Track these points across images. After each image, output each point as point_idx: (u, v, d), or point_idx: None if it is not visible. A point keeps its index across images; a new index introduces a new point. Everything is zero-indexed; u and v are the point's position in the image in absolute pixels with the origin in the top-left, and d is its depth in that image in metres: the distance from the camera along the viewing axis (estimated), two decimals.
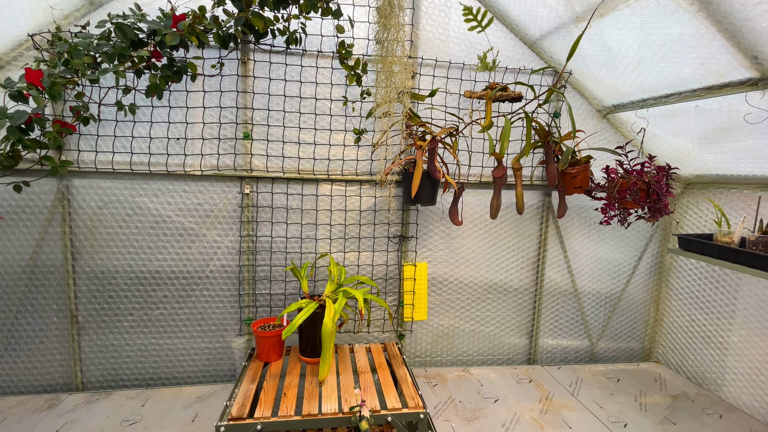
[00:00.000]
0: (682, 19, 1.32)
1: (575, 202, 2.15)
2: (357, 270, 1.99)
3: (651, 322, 2.34)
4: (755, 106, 1.42)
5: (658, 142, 1.99)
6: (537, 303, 2.21)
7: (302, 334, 1.70)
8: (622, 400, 1.87)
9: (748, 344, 1.86)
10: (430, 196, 1.83)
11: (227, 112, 1.80)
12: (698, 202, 2.07)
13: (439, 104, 1.96)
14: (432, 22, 1.90)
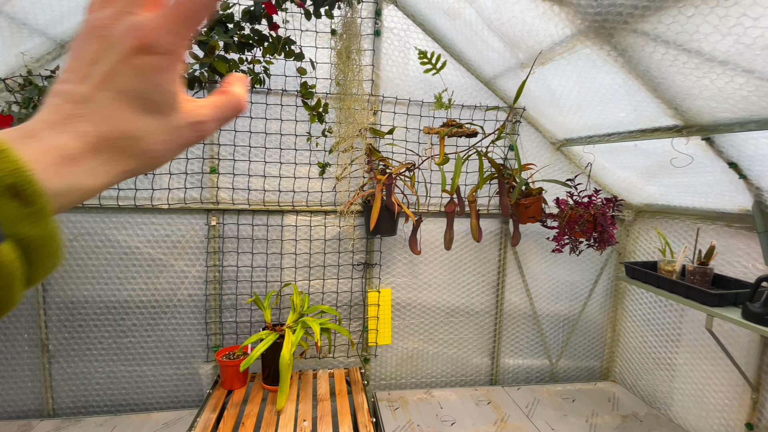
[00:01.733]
0: (611, 72, 1.43)
1: (532, 228, 2.25)
2: (322, 297, 2.06)
3: (608, 342, 2.44)
4: (680, 151, 1.54)
5: (608, 174, 2.10)
6: (498, 325, 2.30)
7: (264, 362, 1.77)
8: (574, 421, 1.96)
9: (693, 366, 1.96)
10: (390, 228, 1.92)
11: (194, 147, 1.88)
12: (648, 229, 2.18)
13: (400, 139, 2.06)
14: (392, 63, 2.00)
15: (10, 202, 0.21)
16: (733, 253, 1.75)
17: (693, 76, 1.17)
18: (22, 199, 0.21)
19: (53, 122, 0.25)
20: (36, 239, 0.22)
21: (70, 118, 0.25)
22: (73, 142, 0.24)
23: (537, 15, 1.39)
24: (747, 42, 0.96)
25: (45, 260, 0.23)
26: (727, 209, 1.72)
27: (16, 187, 0.21)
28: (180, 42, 0.26)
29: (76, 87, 0.25)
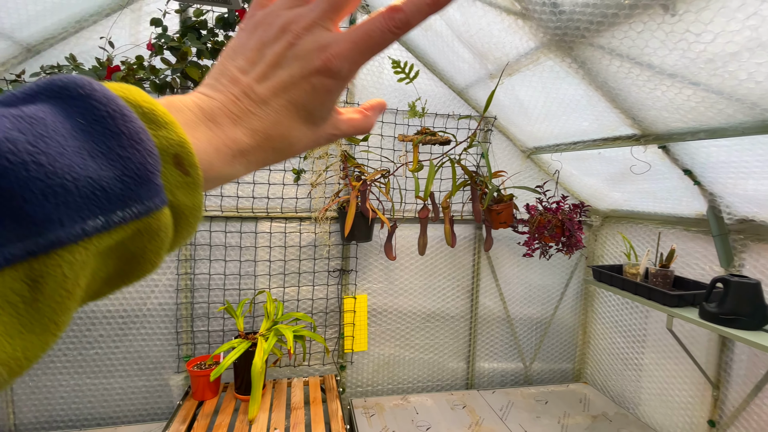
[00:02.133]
0: (573, 83, 1.50)
1: (505, 233, 2.31)
2: (297, 305, 2.05)
3: (580, 344, 2.51)
4: (639, 159, 1.61)
5: (575, 180, 2.18)
6: (473, 329, 2.33)
7: (237, 372, 1.74)
8: (547, 422, 2.00)
9: (658, 366, 2.03)
10: (365, 234, 1.93)
11: None
12: (615, 234, 2.27)
13: (375, 146, 2.08)
14: (367, 71, 2.03)
15: (174, 170, 0.23)
16: (692, 255, 1.84)
17: (646, 88, 1.23)
18: (182, 169, 0.23)
19: (232, 114, 0.27)
20: (186, 208, 0.24)
21: (247, 115, 0.27)
22: (245, 137, 0.27)
23: (503, 28, 1.45)
24: (691, 56, 1.02)
25: (188, 229, 0.25)
26: (685, 214, 1.81)
27: (179, 156, 0.23)
28: (356, 70, 0.29)
29: (254, 85, 0.28)
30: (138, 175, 0.21)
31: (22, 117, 0.19)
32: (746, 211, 1.55)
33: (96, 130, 0.20)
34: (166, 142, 0.22)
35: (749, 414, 1.60)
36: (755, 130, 1.13)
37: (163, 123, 0.23)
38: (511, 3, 1.32)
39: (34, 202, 0.18)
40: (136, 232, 0.21)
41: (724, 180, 1.48)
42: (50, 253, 0.18)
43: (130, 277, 0.23)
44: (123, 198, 0.20)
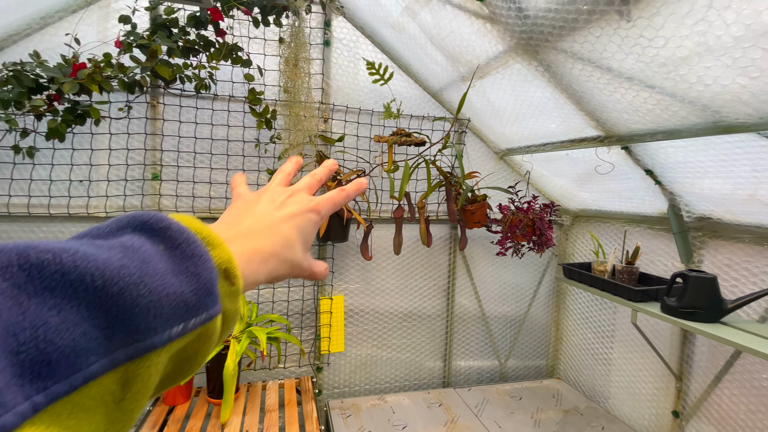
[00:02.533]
0: (541, 86, 1.54)
1: (479, 233, 2.35)
2: (272, 307, 2.03)
3: (553, 340, 2.57)
4: (603, 159, 1.68)
5: (546, 181, 2.24)
6: (449, 328, 2.36)
7: (209, 375, 1.71)
8: (520, 418, 2.04)
9: (626, 360, 2.10)
10: (341, 234, 1.94)
11: (135, 153, 1.81)
12: (584, 233, 2.34)
13: (351, 147, 2.09)
14: (342, 72, 2.04)
15: (224, 282, 0.28)
16: (656, 252, 1.92)
17: (607, 91, 1.29)
18: (230, 280, 0.29)
19: (255, 230, 0.37)
20: (230, 312, 0.29)
21: (267, 231, 0.37)
22: (267, 246, 0.36)
23: (473, 31, 1.48)
24: (646, 60, 1.08)
25: (227, 331, 0.30)
26: (648, 213, 1.89)
27: (227, 270, 0.28)
28: (326, 214, 0.44)
29: (272, 212, 0.40)
30: (206, 288, 0.26)
31: (125, 247, 0.24)
32: (703, 209, 1.63)
33: (176, 254, 0.25)
34: (219, 260, 0.28)
35: (710, 404, 1.67)
36: (707, 131, 1.19)
37: (216, 244, 0.28)
38: (479, 7, 1.35)
39: (141, 314, 0.22)
40: (198, 336, 0.25)
41: (682, 179, 1.55)
42: (144, 356, 0.22)
43: (177, 379, 0.28)
44: (196, 307, 0.25)
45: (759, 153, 1.17)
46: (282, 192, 0.43)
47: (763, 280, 1.47)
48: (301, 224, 0.40)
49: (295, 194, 0.43)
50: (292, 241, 0.39)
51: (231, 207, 0.43)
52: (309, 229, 0.41)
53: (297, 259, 0.39)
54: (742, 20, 0.81)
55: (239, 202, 0.43)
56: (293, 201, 0.42)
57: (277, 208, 0.40)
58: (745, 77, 0.92)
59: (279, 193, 0.43)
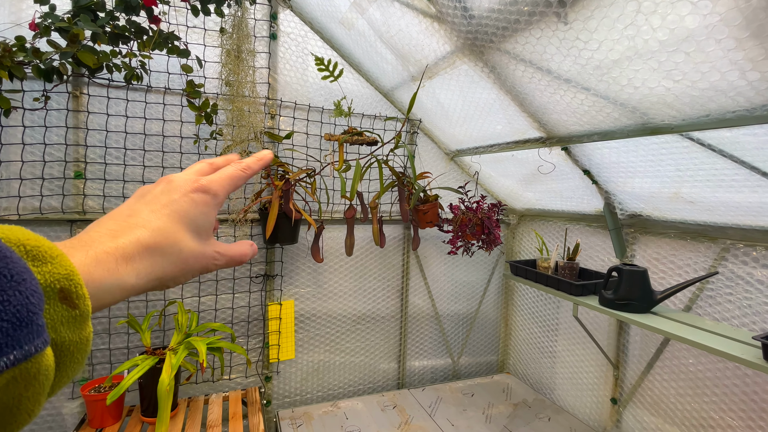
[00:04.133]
0: (486, 87, 1.57)
1: (431, 232, 2.36)
2: (215, 315, 1.91)
3: (502, 336, 2.64)
4: (545, 159, 1.75)
5: (493, 182, 2.31)
6: (403, 328, 2.35)
7: (143, 392, 1.56)
8: (472, 414, 2.06)
9: (569, 352, 2.20)
10: (290, 236, 1.86)
11: (54, 149, 1.62)
12: (529, 231, 2.43)
13: (300, 145, 2.02)
14: (290, 67, 1.97)
15: (59, 305, 0.23)
16: (594, 248, 2.02)
17: (547, 92, 1.33)
18: (69, 302, 0.23)
19: (115, 230, 0.31)
20: (73, 343, 0.24)
21: (132, 227, 0.32)
22: (131, 245, 0.30)
23: (421, 30, 1.48)
24: (582, 63, 1.12)
25: (73, 366, 0.24)
26: (586, 211, 1.99)
27: (65, 291, 0.23)
28: (223, 193, 0.39)
29: (141, 207, 0.34)
30: (18, 318, 0.20)
31: None
32: (635, 207, 1.74)
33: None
34: (51, 277, 0.23)
35: (644, 390, 1.78)
36: (637, 133, 1.27)
37: (48, 257, 0.23)
38: (426, 5, 1.35)
39: None
40: (11, 381, 0.20)
41: (615, 179, 1.65)
42: None
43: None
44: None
45: (682, 153, 1.26)
46: (169, 180, 0.38)
47: (687, 272, 1.59)
48: (183, 208, 0.35)
49: (177, 179, 0.38)
50: (170, 229, 0.33)
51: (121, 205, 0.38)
52: (196, 212, 0.36)
53: (188, 248, 0.34)
54: (666, 25, 0.86)
55: (131, 198, 0.38)
56: (172, 187, 0.37)
57: (148, 201, 0.35)
58: (669, 80, 0.98)
59: (166, 181, 0.38)
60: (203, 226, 0.37)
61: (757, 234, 1.38)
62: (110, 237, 0.30)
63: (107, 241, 0.29)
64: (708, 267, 1.53)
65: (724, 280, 1.48)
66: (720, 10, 0.79)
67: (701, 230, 1.54)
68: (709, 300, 1.53)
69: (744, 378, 1.43)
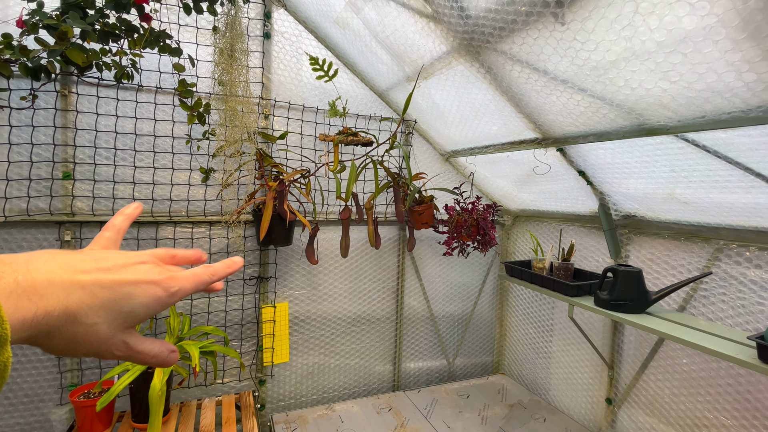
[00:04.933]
0: (482, 88, 1.57)
1: (426, 234, 2.36)
2: (207, 318, 1.88)
3: (497, 337, 2.64)
4: (541, 160, 1.75)
5: (488, 182, 2.30)
6: (398, 330, 2.34)
7: (134, 397, 1.53)
8: (468, 416, 2.06)
9: (564, 353, 2.21)
10: (284, 237, 1.84)
11: (42, 149, 1.58)
12: (524, 232, 2.44)
13: (295, 145, 2.00)
14: (284, 67, 1.95)
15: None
16: (588, 249, 2.03)
17: (543, 93, 1.33)
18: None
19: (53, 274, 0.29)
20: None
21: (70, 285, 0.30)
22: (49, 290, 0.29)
23: (417, 30, 1.47)
24: (579, 64, 1.12)
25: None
26: (581, 212, 2.00)
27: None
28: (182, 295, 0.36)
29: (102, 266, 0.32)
30: None
31: None
32: (629, 208, 1.75)
33: None
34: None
35: (639, 390, 1.79)
36: (632, 134, 1.27)
37: None
38: (422, 5, 1.34)
39: None
40: None
41: (610, 180, 1.65)
42: None
43: None
44: None
45: (676, 154, 1.27)
46: (135, 256, 0.35)
47: (681, 272, 1.60)
48: (129, 293, 0.32)
49: (144, 264, 0.35)
50: (93, 305, 0.30)
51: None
52: (139, 303, 0.33)
53: (96, 332, 0.31)
54: (664, 26, 0.85)
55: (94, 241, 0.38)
56: (136, 269, 0.34)
57: (110, 268, 0.33)
58: (666, 81, 0.98)
59: (131, 256, 0.35)
60: (135, 319, 0.33)
61: (750, 234, 1.39)
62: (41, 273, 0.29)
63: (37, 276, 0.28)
64: (702, 267, 1.54)
65: (717, 280, 1.49)
66: (718, 11, 0.79)
67: (695, 231, 1.55)
68: (703, 300, 1.54)
69: (737, 377, 1.44)
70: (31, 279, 0.28)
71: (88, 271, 0.31)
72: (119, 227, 0.42)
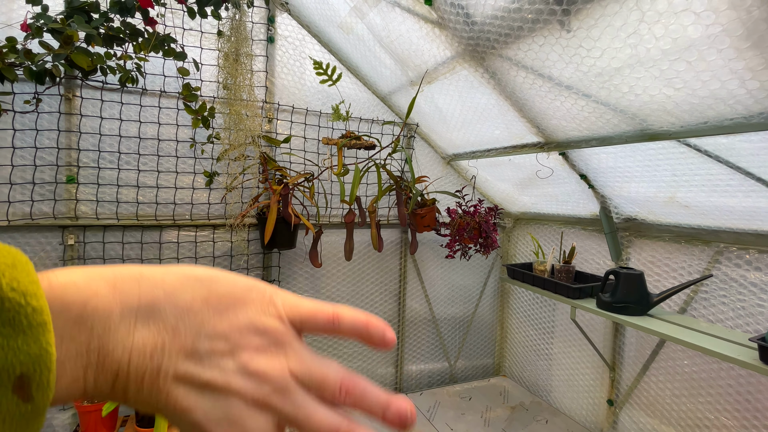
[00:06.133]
0: (486, 93, 1.58)
1: (428, 236, 2.37)
2: None
3: (498, 339, 2.66)
4: (543, 164, 1.76)
5: (489, 186, 2.32)
6: (400, 332, 2.35)
7: None
8: (471, 418, 2.06)
9: (565, 354, 2.22)
10: (288, 241, 1.84)
11: (45, 153, 1.58)
12: (525, 235, 2.46)
13: (298, 149, 2.01)
14: (288, 71, 1.96)
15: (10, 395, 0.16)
16: (589, 252, 2.05)
17: (548, 98, 1.35)
18: (23, 393, 0.17)
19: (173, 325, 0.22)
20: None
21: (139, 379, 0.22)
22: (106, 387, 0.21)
23: (421, 35, 1.49)
24: (584, 70, 1.14)
25: None
26: (582, 215, 2.02)
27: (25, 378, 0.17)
28: None
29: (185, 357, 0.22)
30: None
31: None
32: (630, 211, 1.77)
33: None
34: (13, 358, 0.16)
35: (640, 391, 1.81)
36: (635, 138, 1.29)
37: (26, 326, 0.17)
38: (428, 11, 1.36)
39: None
40: None
41: (612, 183, 1.67)
42: None
43: None
44: None
45: (678, 159, 1.29)
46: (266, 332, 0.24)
47: (682, 275, 1.62)
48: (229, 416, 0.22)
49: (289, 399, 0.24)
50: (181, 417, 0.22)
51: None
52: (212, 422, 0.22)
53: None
54: (669, 34, 0.87)
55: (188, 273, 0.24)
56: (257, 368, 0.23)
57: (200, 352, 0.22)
58: (670, 88, 1.00)
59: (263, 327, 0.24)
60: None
61: (749, 237, 1.41)
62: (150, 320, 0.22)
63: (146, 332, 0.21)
64: (702, 270, 1.56)
65: (718, 282, 1.51)
66: (722, 21, 0.81)
67: (695, 234, 1.58)
68: (704, 302, 1.56)
69: (738, 378, 1.46)
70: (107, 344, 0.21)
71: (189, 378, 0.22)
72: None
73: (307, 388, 0.25)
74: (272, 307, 0.25)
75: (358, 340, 0.28)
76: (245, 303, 0.24)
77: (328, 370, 0.25)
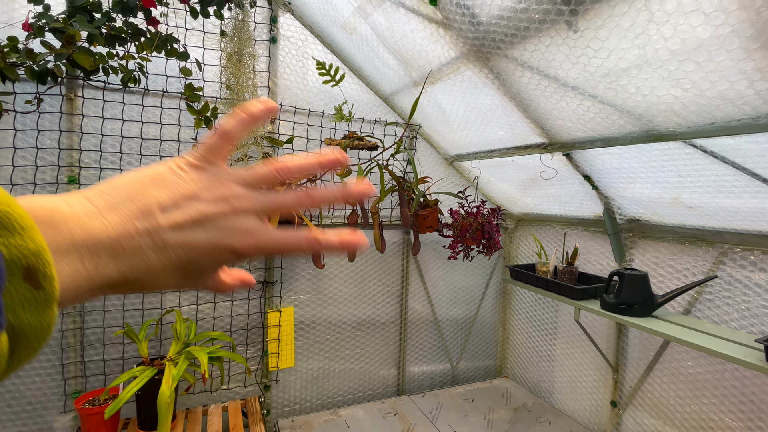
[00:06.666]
0: (490, 93, 1.58)
1: (431, 237, 2.36)
2: (213, 323, 1.86)
3: (500, 341, 2.65)
4: (547, 165, 1.76)
5: (492, 186, 2.32)
6: (402, 334, 2.34)
7: (141, 404, 1.51)
8: (474, 420, 2.06)
9: (568, 356, 2.22)
10: None
11: (47, 153, 1.57)
12: (527, 236, 2.45)
13: (301, 150, 2.00)
14: (290, 71, 1.95)
15: (22, 284, 0.20)
16: (592, 253, 2.05)
17: (553, 99, 1.34)
18: (33, 281, 0.20)
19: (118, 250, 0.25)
20: (31, 329, 0.20)
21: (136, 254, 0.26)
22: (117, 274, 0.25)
23: (426, 36, 1.48)
24: (591, 71, 1.13)
25: (27, 354, 0.21)
26: (585, 216, 2.02)
27: (32, 268, 0.20)
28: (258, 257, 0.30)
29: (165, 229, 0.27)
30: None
31: None
32: (634, 212, 1.77)
33: None
34: (17, 252, 0.19)
35: (644, 392, 1.80)
36: (641, 139, 1.29)
37: (18, 228, 0.20)
38: (433, 12, 1.35)
39: None
40: None
41: (616, 184, 1.67)
42: None
43: None
44: None
45: (684, 160, 1.29)
46: (216, 198, 0.29)
47: (686, 276, 1.62)
48: (197, 260, 0.28)
49: (234, 215, 0.29)
50: (159, 275, 0.27)
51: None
52: (209, 267, 0.29)
53: (159, 288, 0.28)
54: (678, 35, 0.87)
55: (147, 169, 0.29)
56: (217, 225, 0.28)
57: (178, 222, 0.27)
58: (678, 89, 0.99)
59: (209, 197, 0.29)
60: (204, 274, 0.30)
61: (754, 238, 1.41)
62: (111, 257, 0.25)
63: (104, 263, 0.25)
64: (706, 271, 1.56)
65: (722, 283, 1.51)
66: (732, 22, 0.80)
67: (699, 235, 1.57)
68: (708, 303, 1.55)
69: (743, 380, 1.45)
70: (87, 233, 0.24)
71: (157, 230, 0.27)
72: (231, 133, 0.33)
73: (257, 187, 0.31)
74: (183, 159, 0.30)
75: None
76: (165, 172, 0.29)
77: (257, 168, 0.32)
